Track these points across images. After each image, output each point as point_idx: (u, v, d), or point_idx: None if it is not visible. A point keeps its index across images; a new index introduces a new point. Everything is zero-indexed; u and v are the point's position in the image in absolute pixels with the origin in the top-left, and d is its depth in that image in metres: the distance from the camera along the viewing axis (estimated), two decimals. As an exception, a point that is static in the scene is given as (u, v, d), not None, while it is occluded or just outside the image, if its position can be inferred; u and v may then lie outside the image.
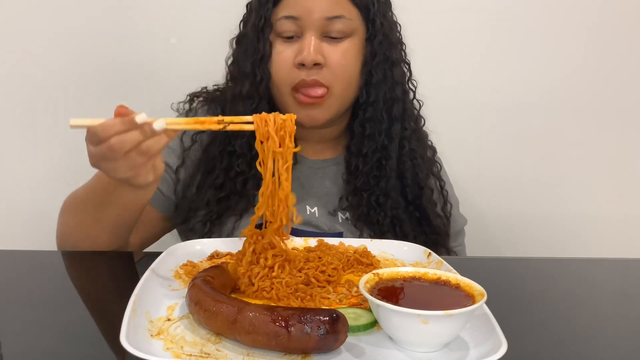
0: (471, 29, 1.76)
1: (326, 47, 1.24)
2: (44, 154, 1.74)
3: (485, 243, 1.77)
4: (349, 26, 1.24)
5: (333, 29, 1.23)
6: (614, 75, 1.81)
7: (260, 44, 1.25)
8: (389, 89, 1.30)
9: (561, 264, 1.25)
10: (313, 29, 1.22)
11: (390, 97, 1.31)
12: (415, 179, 1.34)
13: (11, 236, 1.72)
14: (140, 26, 1.70)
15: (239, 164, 1.27)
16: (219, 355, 0.74)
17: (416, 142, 1.36)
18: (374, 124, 1.30)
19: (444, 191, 1.39)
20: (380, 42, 1.28)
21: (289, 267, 0.97)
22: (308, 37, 1.22)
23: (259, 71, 1.26)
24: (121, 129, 0.88)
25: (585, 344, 0.87)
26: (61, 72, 1.70)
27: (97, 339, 0.82)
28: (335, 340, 0.73)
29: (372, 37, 1.28)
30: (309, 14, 1.22)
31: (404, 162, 1.33)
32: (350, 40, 1.25)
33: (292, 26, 1.23)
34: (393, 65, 1.30)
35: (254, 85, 1.26)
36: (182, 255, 1.06)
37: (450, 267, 0.98)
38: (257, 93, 1.26)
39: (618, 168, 1.87)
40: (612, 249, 1.79)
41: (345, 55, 1.25)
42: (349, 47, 1.25)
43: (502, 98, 1.80)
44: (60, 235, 1.23)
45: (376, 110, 1.29)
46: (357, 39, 1.27)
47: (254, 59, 1.26)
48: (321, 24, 1.22)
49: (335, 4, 1.23)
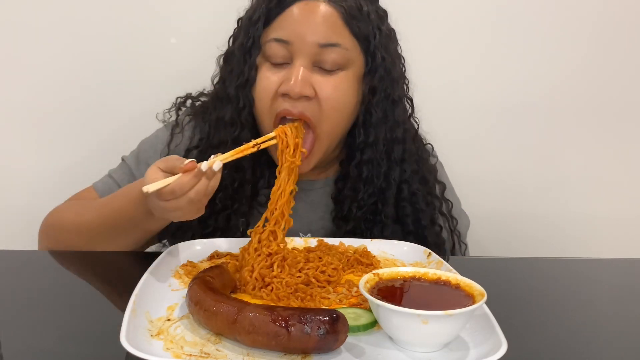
0: (471, 29, 1.76)
1: (317, 78, 1.13)
2: (43, 154, 1.74)
3: (485, 243, 1.76)
4: (344, 57, 1.14)
5: (326, 58, 1.13)
6: (614, 76, 1.81)
7: (246, 67, 1.17)
8: (389, 129, 1.22)
9: (561, 264, 1.25)
10: (304, 57, 1.12)
11: (391, 138, 1.22)
12: (418, 225, 1.26)
13: (11, 236, 1.72)
14: (141, 26, 1.70)
15: (220, 199, 1.21)
16: (219, 355, 0.74)
17: (418, 184, 1.27)
18: (372, 167, 1.21)
19: (455, 232, 1.31)
20: (381, 78, 1.19)
21: (289, 267, 0.98)
22: (297, 65, 1.12)
23: (242, 96, 1.18)
24: (195, 182, 0.93)
25: (585, 344, 0.87)
26: (61, 72, 1.69)
27: (97, 339, 0.82)
28: (335, 340, 0.73)
29: (372, 72, 1.18)
30: (301, 40, 1.12)
31: (403, 207, 1.25)
32: (344, 72, 1.15)
33: (281, 50, 1.13)
34: (394, 104, 1.22)
35: (236, 112, 1.19)
36: (182, 256, 1.06)
37: (450, 267, 0.98)
38: (239, 120, 1.19)
39: (618, 168, 1.86)
40: (612, 249, 1.79)
41: (336, 89, 1.14)
42: (342, 80, 1.15)
43: (502, 98, 1.80)
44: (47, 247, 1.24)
45: (375, 152, 1.21)
46: (352, 72, 1.17)
47: (238, 83, 1.18)
48: (314, 51, 1.12)
49: (331, 31, 1.13)
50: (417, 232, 1.25)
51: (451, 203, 1.33)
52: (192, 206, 0.94)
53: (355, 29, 1.15)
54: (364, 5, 1.18)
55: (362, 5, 1.17)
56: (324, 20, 1.13)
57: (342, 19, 1.14)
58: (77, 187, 1.36)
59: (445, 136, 1.50)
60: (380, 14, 1.23)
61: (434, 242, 1.25)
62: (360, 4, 1.17)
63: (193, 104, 1.35)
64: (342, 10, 1.14)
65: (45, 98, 1.70)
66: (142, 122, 1.41)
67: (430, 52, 1.72)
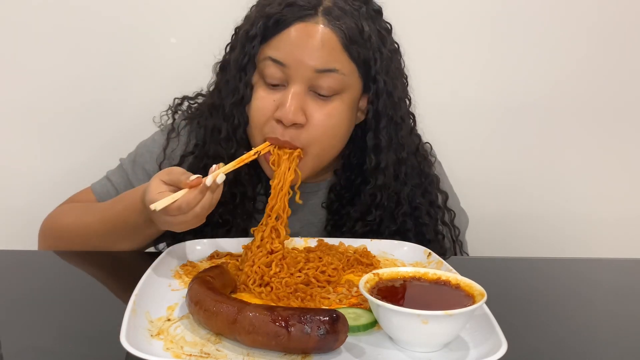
0: (471, 29, 1.76)
1: (311, 103, 1.11)
2: (43, 154, 1.74)
3: (485, 243, 1.76)
4: (341, 82, 1.12)
5: (322, 84, 1.10)
6: (613, 76, 1.81)
7: (242, 84, 1.16)
8: (395, 151, 1.21)
9: (561, 264, 1.25)
10: (299, 81, 1.10)
11: (397, 160, 1.22)
12: (422, 238, 1.25)
13: (11, 236, 1.72)
14: (141, 26, 1.70)
15: (220, 214, 1.22)
16: (219, 355, 0.74)
17: (421, 197, 1.27)
18: (385, 191, 1.21)
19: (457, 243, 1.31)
20: (384, 103, 1.17)
21: (287, 267, 0.98)
22: (292, 90, 1.10)
23: (237, 114, 1.17)
24: (201, 198, 0.95)
25: (585, 344, 0.87)
26: (61, 73, 1.69)
27: (97, 339, 0.82)
28: (335, 340, 0.73)
29: (375, 98, 1.17)
30: (298, 64, 1.09)
31: (404, 222, 1.25)
32: (339, 98, 1.13)
33: (277, 72, 1.11)
34: (397, 126, 1.20)
35: (231, 128, 1.18)
36: (182, 256, 1.06)
37: (450, 267, 0.98)
38: (234, 137, 1.19)
39: (618, 168, 1.86)
40: (612, 249, 1.79)
41: (330, 117, 1.12)
42: (337, 106, 1.13)
43: (502, 98, 1.80)
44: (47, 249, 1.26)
45: (387, 176, 1.20)
46: (348, 97, 1.14)
47: (233, 100, 1.17)
48: (310, 76, 1.10)
49: (329, 56, 1.10)
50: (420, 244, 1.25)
51: (453, 213, 1.32)
52: (197, 219, 0.97)
53: (355, 54, 1.13)
54: (365, 26, 1.14)
55: (364, 27, 1.13)
56: (321, 45, 1.10)
57: (341, 44, 1.11)
58: (77, 187, 1.36)
59: (445, 136, 1.50)
60: (382, 34, 1.19)
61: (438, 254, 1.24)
62: (361, 25, 1.13)
63: (190, 106, 1.35)
64: (342, 34, 1.11)
65: (45, 98, 1.70)
66: (142, 122, 1.40)
67: (429, 52, 1.72)
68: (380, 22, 1.20)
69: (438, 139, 1.44)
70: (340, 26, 1.11)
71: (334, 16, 1.11)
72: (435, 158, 1.41)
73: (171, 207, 0.94)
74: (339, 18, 1.11)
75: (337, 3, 1.14)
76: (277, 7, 1.12)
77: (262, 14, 1.13)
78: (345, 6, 1.14)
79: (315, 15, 1.11)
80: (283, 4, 1.12)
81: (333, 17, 1.11)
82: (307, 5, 1.11)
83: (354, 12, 1.14)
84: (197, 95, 1.36)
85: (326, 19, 1.11)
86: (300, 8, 1.11)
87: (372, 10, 1.18)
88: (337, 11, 1.12)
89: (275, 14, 1.11)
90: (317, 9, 1.12)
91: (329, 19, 1.11)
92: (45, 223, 1.28)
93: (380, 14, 1.21)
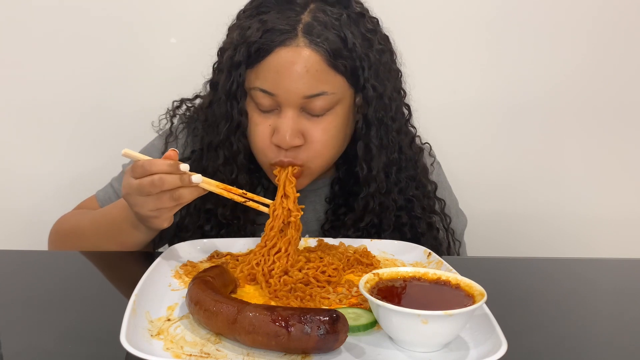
0: (470, 29, 1.76)
1: (306, 123, 1.12)
2: (44, 155, 1.74)
3: (484, 243, 1.76)
4: (332, 100, 1.11)
5: (313, 107, 1.10)
6: (613, 76, 1.81)
7: (235, 112, 1.15)
8: (386, 154, 1.21)
9: (561, 264, 1.25)
10: (291, 107, 1.10)
11: (388, 162, 1.21)
12: (415, 232, 1.25)
13: (11, 236, 1.72)
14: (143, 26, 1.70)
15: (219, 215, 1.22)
16: (219, 355, 0.74)
17: (414, 189, 1.26)
18: (377, 197, 1.21)
19: (449, 231, 1.31)
20: (375, 109, 1.16)
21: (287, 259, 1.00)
22: (286, 117, 1.10)
23: (235, 141, 1.17)
24: (165, 169, 0.93)
25: (585, 344, 0.87)
26: (62, 73, 1.69)
27: (97, 339, 0.82)
28: (335, 340, 0.73)
29: (366, 106, 1.16)
30: (286, 92, 1.09)
31: (399, 217, 1.25)
32: (332, 113, 1.13)
33: (267, 100, 1.11)
34: (387, 128, 1.19)
35: (230, 155, 1.18)
36: (182, 256, 1.07)
37: (450, 267, 0.98)
38: (235, 164, 1.19)
39: (618, 168, 1.86)
40: (612, 249, 1.79)
41: (326, 132, 1.13)
42: (331, 120, 1.13)
43: (502, 98, 1.80)
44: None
45: (379, 181, 1.20)
46: (341, 108, 1.14)
47: (228, 127, 1.16)
48: (300, 102, 1.10)
49: (316, 81, 1.09)
50: (416, 239, 1.25)
51: (444, 201, 1.32)
52: (156, 200, 0.95)
53: (342, 68, 1.11)
54: (349, 34, 1.11)
55: (346, 36, 1.11)
56: (306, 71, 1.08)
57: (326, 63, 1.09)
58: (78, 187, 1.37)
59: (444, 136, 1.50)
60: (367, 37, 1.16)
61: (432, 245, 1.24)
62: (344, 35, 1.11)
63: (188, 109, 1.35)
64: (325, 53, 1.09)
65: (45, 99, 1.70)
66: (142, 122, 1.41)
67: (429, 52, 1.72)
68: (364, 24, 1.17)
69: (437, 139, 1.44)
70: (322, 44, 1.09)
71: (315, 34, 1.09)
72: (435, 158, 1.41)
73: (144, 181, 0.94)
74: (320, 35, 1.09)
75: (317, 17, 1.11)
76: (256, 32, 1.10)
77: (243, 40, 1.11)
78: (325, 18, 1.11)
79: (295, 37, 1.09)
80: (261, 29, 1.10)
81: (314, 36, 1.09)
82: (286, 28, 1.09)
83: (334, 22, 1.12)
84: (195, 97, 1.36)
85: (307, 39, 1.09)
86: (280, 32, 1.09)
87: (353, 15, 1.16)
88: (317, 27, 1.10)
89: (256, 42, 1.09)
90: (296, 28, 1.09)
91: (310, 39, 1.09)
92: (52, 229, 1.31)
93: (363, 15, 1.18)
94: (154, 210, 0.98)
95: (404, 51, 1.31)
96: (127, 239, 1.13)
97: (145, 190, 0.95)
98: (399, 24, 1.30)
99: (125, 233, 1.12)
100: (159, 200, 0.96)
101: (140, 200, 0.97)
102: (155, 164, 0.94)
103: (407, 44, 1.31)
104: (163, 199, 0.95)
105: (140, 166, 0.94)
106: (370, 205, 1.21)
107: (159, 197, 0.95)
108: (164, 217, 0.99)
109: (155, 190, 0.94)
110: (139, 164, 0.95)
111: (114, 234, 1.15)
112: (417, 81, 1.34)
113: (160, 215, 0.99)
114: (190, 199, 0.97)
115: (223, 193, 1.00)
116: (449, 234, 1.32)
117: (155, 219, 1.00)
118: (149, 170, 0.94)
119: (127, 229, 1.11)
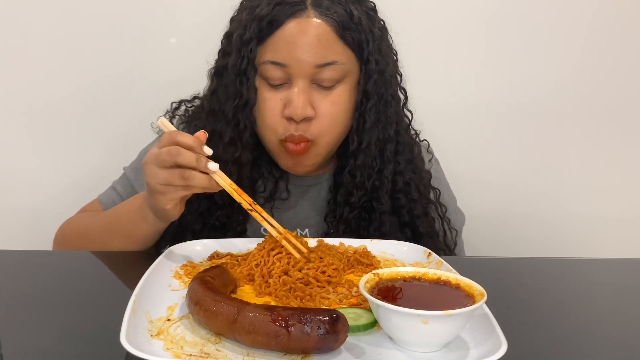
0: (470, 28, 1.76)
1: (316, 95, 1.15)
2: (44, 155, 1.74)
3: (485, 243, 1.76)
4: (342, 71, 1.15)
5: (324, 77, 1.14)
6: (613, 76, 1.81)
7: (244, 89, 1.16)
8: (381, 130, 1.22)
9: (561, 264, 1.25)
10: (302, 78, 1.13)
11: (383, 138, 1.22)
12: (412, 215, 1.26)
13: (12, 236, 1.72)
14: (143, 26, 1.70)
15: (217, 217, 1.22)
16: (219, 355, 0.74)
17: (411, 172, 1.28)
18: (365, 170, 1.22)
19: (445, 219, 1.32)
20: (375, 82, 1.19)
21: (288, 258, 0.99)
22: (297, 88, 1.13)
23: (243, 118, 1.18)
24: (189, 143, 0.94)
25: (585, 344, 0.87)
26: (61, 74, 1.70)
27: (97, 339, 0.82)
28: (335, 340, 0.73)
29: (367, 79, 1.19)
30: (298, 62, 1.12)
31: (398, 199, 1.26)
32: (342, 86, 1.17)
33: (279, 73, 1.14)
34: (387, 103, 1.22)
35: (237, 133, 1.18)
36: (182, 256, 1.07)
37: (450, 267, 0.98)
38: (240, 141, 1.19)
39: (618, 168, 1.86)
40: (612, 249, 1.80)
41: (335, 105, 1.16)
42: (340, 94, 1.16)
43: (501, 98, 1.80)
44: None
45: (368, 156, 1.21)
46: (349, 82, 1.18)
47: (236, 104, 1.17)
48: (311, 71, 1.13)
49: (326, 50, 1.13)
50: (412, 222, 1.26)
51: (438, 191, 1.34)
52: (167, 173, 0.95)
53: (350, 40, 1.15)
54: (354, 10, 1.15)
55: (352, 11, 1.15)
56: (318, 40, 1.12)
57: (335, 33, 1.14)
58: (78, 188, 1.37)
59: (444, 136, 1.51)
60: (370, 14, 1.21)
61: (427, 232, 1.26)
62: (349, 10, 1.15)
63: (187, 110, 1.35)
64: (334, 23, 1.13)
65: (45, 99, 1.70)
66: (143, 123, 1.41)
67: (428, 52, 1.72)
68: (365, 3, 1.22)
69: (436, 138, 1.45)
70: (331, 15, 1.13)
71: (323, 6, 1.14)
72: (433, 155, 1.41)
73: (163, 150, 0.94)
74: (329, 7, 1.14)
75: None
76: (267, 7, 1.13)
77: (254, 17, 1.14)
78: None
79: (305, 9, 1.13)
80: (272, 3, 1.13)
81: (323, 8, 1.13)
82: (296, 1, 1.13)
83: None
84: (194, 98, 1.36)
85: (317, 11, 1.13)
86: (290, 5, 1.12)
87: None
88: (325, 1, 1.14)
89: (267, 15, 1.12)
90: (305, 1, 1.13)
91: (319, 11, 1.13)
92: (57, 233, 1.31)
93: None
94: (162, 185, 0.97)
95: (404, 50, 1.31)
96: (135, 231, 1.13)
97: (161, 159, 0.95)
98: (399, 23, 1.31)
99: (133, 224, 1.12)
100: (169, 174, 0.96)
101: (154, 170, 0.97)
102: (181, 134, 0.95)
103: (406, 42, 1.32)
104: (174, 175, 0.95)
105: (168, 134, 0.96)
106: (357, 179, 1.22)
107: (170, 171, 0.95)
108: (169, 197, 0.99)
109: (169, 159, 0.94)
110: (167, 132, 0.97)
111: (122, 225, 1.15)
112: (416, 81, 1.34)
113: (166, 192, 0.98)
114: (199, 185, 0.96)
115: (233, 194, 1.00)
116: (444, 222, 1.33)
117: (161, 196, 0.99)
118: (173, 139, 0.95)
119: (136, 220, 1.11)
